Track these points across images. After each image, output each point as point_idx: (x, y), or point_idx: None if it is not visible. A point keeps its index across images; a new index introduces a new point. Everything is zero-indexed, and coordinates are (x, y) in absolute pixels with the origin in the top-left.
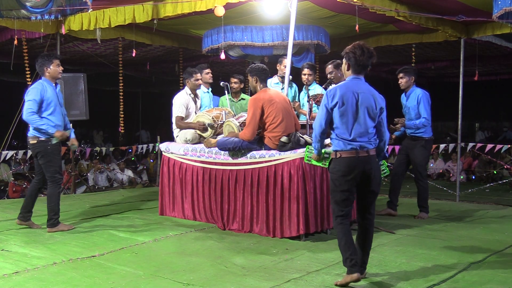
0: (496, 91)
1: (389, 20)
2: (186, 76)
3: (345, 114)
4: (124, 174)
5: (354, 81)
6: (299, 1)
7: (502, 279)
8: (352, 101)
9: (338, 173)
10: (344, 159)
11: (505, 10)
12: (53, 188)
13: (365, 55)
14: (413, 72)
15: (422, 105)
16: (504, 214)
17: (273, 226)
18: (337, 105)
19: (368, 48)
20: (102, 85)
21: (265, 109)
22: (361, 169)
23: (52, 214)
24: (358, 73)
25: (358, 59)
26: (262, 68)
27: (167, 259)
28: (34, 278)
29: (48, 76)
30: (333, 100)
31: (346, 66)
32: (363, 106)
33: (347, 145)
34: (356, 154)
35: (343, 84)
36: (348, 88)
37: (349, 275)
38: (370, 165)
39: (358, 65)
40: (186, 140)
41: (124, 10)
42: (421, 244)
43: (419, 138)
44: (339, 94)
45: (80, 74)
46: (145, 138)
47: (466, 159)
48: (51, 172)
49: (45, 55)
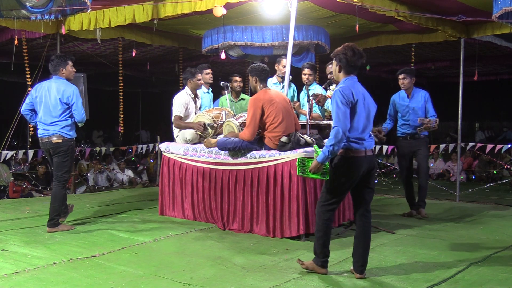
0: (496, 91)
1: (389, 20)
2: (188, 76)
3: (359, 114)
4: (124, 174)
5: (353, 82)
6: (299, 1)
7: (502, 279)
8: (361, 100)
9: (346, 172)
10: (354, 158)
11: (505, 10)
12: (59, 188)
13: (356, 56)
14: (413, 74)
15: (430, 104)
16: (504, 214)
17: (273, 226)
18: (357, 103)
19: (359, 49)
20: (102, 85)
21: (265, 109)
22: (366, 168)
23: (54, 215)
24: (351, 74)
25: (350, 60)
26: (262, 68)
27: (167, 259)
28: (34, 278)
29: (63, 76)
30: (353, 98)
31: (337, 68)
32: (368, 105)
33: (357, 145)
34: (365, 153)
35: (350, 83)
36: (356, 88)
37: (319, 268)
38: (373, 163)
39: (350, 66)
40: (186, 140)
41: (124, 10)
42: (421, 244)
43: (422, 137)
44: (355, 92)
45: (80, 74)
46: (145, 138)
47: (466, 159)
48: (62, 171)
49: (61, 55)
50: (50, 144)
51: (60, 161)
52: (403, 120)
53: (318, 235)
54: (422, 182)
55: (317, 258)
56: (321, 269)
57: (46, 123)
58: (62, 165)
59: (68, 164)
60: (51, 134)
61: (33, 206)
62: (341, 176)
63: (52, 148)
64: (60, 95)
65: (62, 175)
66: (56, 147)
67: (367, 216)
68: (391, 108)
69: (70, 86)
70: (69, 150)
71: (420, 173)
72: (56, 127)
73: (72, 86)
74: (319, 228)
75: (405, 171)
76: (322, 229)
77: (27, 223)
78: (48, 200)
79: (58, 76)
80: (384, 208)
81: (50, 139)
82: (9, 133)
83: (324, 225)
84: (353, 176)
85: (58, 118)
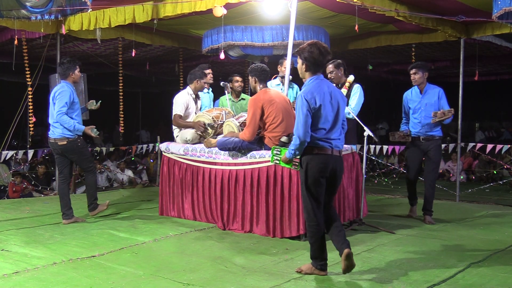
0: (496, 91)
1: (389, 20)
2: (197, 76)
3: (326, 115)
4: (124, 174)
5: (320, 81)
6: (299, 1)
7: (502, 279)
8: (327, 101)
9: (312, 169)
10: (320, 156)
11: (505, 10)
12: (90, 176)
13: (323, 54)
14: (426, 68)
15: (444, 100)
16: (504, 214)
17: (273, 226)
18: (320, 107)
19: (324, 46)
20: (102, 85)
21: (265, 109)
22: (332, 168)
23: (92, 200)
24: (317, 73)
25: (317, 58)
26: (262, 68)
27: (167, 259)
28: (34, 278)
29: (71, 80)
30: (316, 103)
31: (304, 66)
32: (337, 104)
33: (323, 143)
34: (332, 152)
35: (314, 85)
36: (321, 89)
37: (318, 271)
38: (340, 165)
39: (317, 65)
40: (186, 140)
41: (124, 10)
42: (421, 244)
43: (435, 137)
44: (318, 96)
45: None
46: (145, 138)
47: (466, 159)
48: (86, 163)
49: (70, 60)
50: (56, 145)
51: (76, 159)
52: (414, 118)
53: (311, 241)
54: (426, 191)
55: (315, 262)
56: (321, 272)
57: (51, 124)
58: (80, 160)
59: (86, 156)
60: (56, 136)
61: (33, 206)
62: (308, 172)
63: (61, 149)
64: (52, 96)
65: (87, 167)
66: (65, 149)
67: (334, 211)
68: (403, 106)
69: (59, 87)
70: (78, 148)
71: (426, 180)
72: (58, 129)
73: (60, 87)
74: (311, 235)
75: (412, 173)
76: (314, 235)
77: (27, 223)
78: (48, 200)
79: (66, 81)
80: (384, 208)
81: (56, 141)
82: (9, 133)
83: (314, 230)
84: (320, 173)
85: (55, 120)
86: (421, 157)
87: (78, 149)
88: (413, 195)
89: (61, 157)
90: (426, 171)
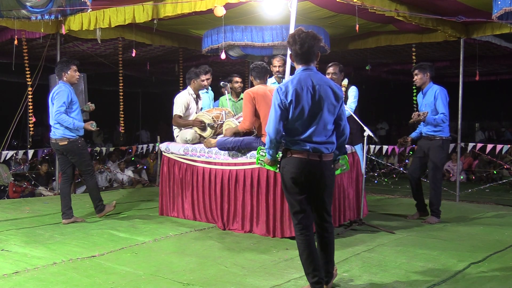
0: (496, 91)
1: (389, 20)
2: (192, 76)
3: (301, 112)
4: (124, 174)
5: (306, 73)
6: (299, 1)
7: (502, 279)
8: (307, 96)
9: (287, 171)
10: (293, 159)
11: (504, 10)
12: (90, 180)
13: (298, 44)
14: (429, 69)
15: (439, 101)
16: (504, 214)
17: (273, 226)
18: (292, 103)
19: (300, 34)
20: (102, 85)
21: (256, 104)
22: (309, 173)
23: (97, 202)
24: (305, 63)
25: (293, 49)
26: (261, 66)
27: (167, 259)
28: (34, 278)
29: (65, 80)
30: (286, 98)
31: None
32: (321, 100)
33: (297, 145)
34: (308, 156)
35: (294, 78)
36: (301, 83)
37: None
38: (320, 171)
39: (296, 56)
40: (186, 140)
41: (124, 10)
42: (421, 244)
43: (436, 137)
44: (292, 91)
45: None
46: (145, 138)
47: (466, 159)
48: (85, 166)
49: (64, 60)
50: (57, 146)
51: (76, 160)
52: None
53: (299, 253)
54: (430, 194)
55: (308, 279)
56: None
57: (52, 125)
58: (79, 161)
59: (85, 158)
60: (57, 137)
61: (33, 206)
62: (283, 177)
63: (62, 150)
64: (51, 97)
65: (85, 169)
66: (65, 149)
67: (326, 227)
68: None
69: (57, 87)
70: (78, 149)
71: (429, 181)
72: (59, 130)
73: (57, 88)
74: (298, 246)
75: (410, 169)
76: (299, 245)
77: (27, 223)
78: (48, 200)
79: (62, 81)
80: (384, 208)
81: (57, 141)
82: (9, 133)
83: (298, 240)
84: (292, 179)
85: (55, 119)
86: (421, 155)
87: (78, 150)
88: (415, 196)
89: (63, 157)
90: (428, 171)
